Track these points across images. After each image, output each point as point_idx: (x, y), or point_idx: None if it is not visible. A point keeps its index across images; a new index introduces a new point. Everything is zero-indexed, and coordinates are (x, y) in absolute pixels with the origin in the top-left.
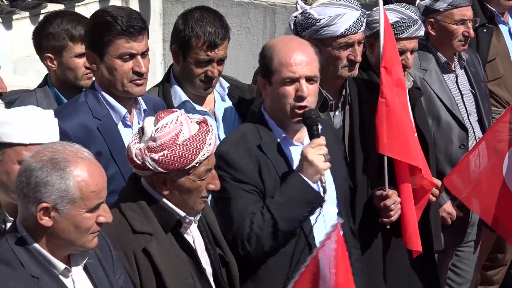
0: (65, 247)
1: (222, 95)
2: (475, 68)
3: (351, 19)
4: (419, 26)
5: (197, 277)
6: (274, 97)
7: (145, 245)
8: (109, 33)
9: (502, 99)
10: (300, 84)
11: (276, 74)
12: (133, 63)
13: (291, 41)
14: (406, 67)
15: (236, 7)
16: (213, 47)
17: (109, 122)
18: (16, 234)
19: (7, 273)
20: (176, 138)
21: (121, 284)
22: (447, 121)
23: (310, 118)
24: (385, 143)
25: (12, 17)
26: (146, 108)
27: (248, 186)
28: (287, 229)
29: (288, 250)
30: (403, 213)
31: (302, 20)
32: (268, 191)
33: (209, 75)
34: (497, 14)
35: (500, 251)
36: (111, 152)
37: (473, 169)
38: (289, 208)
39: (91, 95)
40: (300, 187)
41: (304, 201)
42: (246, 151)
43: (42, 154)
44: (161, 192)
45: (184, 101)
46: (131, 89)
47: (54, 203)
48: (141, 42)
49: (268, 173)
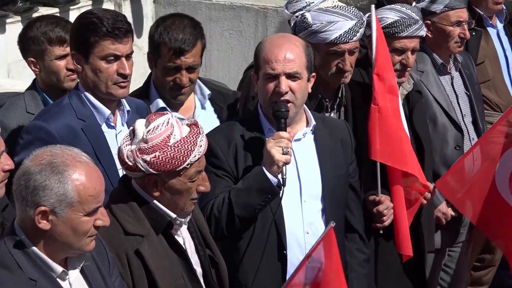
0: (63, 250)
1: (203, 102)
2: (469, 71)
3: (343, 28)
4: (420, 25)
5: (188, 278)
6: (259, 92)
7: (137, 247)
8: (95, 34)
9: (491, 101)
10: (279, 80)
11: (261, 69)
12: (118, 65)
13: (279, 38)
14: (407, 67)
15: (228, 11)
16: (179, 54)
17: (93, 123)
18: (14, 237)
19: (5, 276)
20: (167, 140)
21: (116, 286)
22: (443, 123)
23: (279, 111)
24: (378, 149)
25: (6, 21)
26: (129, 109)
27: (221, 172)
28: (242, 215)
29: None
30: (396, 218)
31: (299, 22)
32: (240, 179)
33: (177, 82)
34: (486, 17)
35: (489, 252)
36: (95, 153)
37: (467, 172)
38: (246, 196)
39: (75, 96)
40: (257, 176)
41: (259, 190)
42: (226, 139)
43: (40, 158)
44: (152, 194)
45: (160, 107)
46: (114, 91)
47: (52, 206)
48: (126, 44)
49: (244, 161)
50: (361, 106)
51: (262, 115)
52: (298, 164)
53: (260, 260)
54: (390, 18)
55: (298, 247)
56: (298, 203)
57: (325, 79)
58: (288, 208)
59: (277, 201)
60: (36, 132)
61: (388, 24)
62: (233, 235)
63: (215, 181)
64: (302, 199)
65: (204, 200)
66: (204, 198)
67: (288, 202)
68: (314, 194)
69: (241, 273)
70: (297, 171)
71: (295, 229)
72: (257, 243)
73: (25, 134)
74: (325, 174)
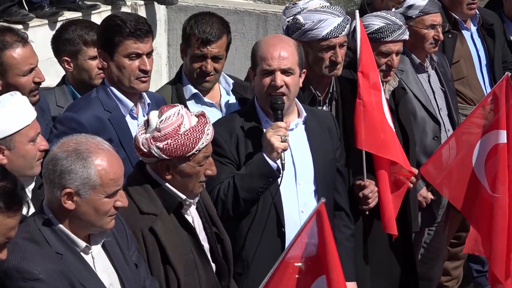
0: (86, 227)
1: (227, 90)
2: (443, 69)
3: (333, 25)
4: (403, 30)
5: (196, 253)
6: (257, 86)
7: (151, 225)
8: (119, 34)
9: (466, 96)
10: (275, 75)
11: (258, 66)
12: (139, 62)
13: (273, 38)
14: (392, 67)
15: (232, 15)
16: (206, 43)
17: (118, 114)
18: (42, 215)
19: (35, 250)
20: (178, 128)
21: (134, 259)
22: (421, 116)
23: (276, 103)
24: (363, 139)
25: (34, 24)
26: (150, 102)
27: (225, 160)
28: (246, 198)
29: (261, 217)
30: (381, 200)
31: (291, 24)
32: (242, 165)
33: (203, 70)
34: (461, 21)
35: (465, 230)
36: (120, 140)
37: (445, 160)
38: (249, 180)
39: (101, 90)
40: (259, 162)
41: (261, 175)
42: (227, 129)
43: (67, 145)
44: (164, 177)
45: (194, 93)
46: (136, 85)
47: (77, 188)
48: (147, 43)
49: (245, 150)
50: (350, 100)
51: (259, 107)
52: (293, 151)
53: (260, 238)
54: (376, 24)
55: (295, 225)
56: (293, 186)
57: (318, 75)
58: (285, 190)
59: (276, 185)
60: (68, 123)
61: (374, 30)
62: (237, 216)
63: (220, 168)
64: (297, 183)
65: (211, 185)
66: (211, 183)
67: (285, 185)
68: (307, 178)
69: (244, 250)
70: (292, 158)
71: (292, 209)
72: (258, 222)
73: (59, 125)
74: (316, 160)
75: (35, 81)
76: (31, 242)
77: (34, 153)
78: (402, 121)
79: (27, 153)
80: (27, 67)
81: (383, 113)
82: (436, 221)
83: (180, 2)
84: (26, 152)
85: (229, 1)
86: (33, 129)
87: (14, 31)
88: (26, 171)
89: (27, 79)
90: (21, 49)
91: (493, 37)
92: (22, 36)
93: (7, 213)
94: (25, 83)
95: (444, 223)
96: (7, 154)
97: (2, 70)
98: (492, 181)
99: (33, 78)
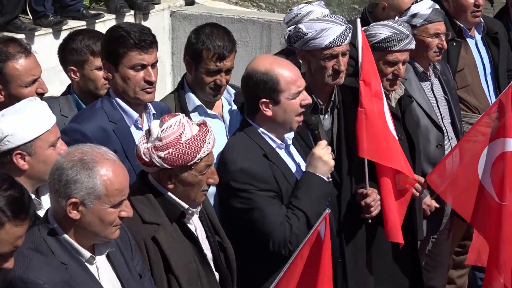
0: (91, 237)
1: (229, 100)
2: (446, 77)
3: (335, 33)
4: (410, 40)
5: (199, 262)
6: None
7: (154, 234)
8: (124, 46)
9: (470, 104)
10: (304, 94)
11: (285, 92)
12: (144, 73)
13: (282, 62)
14: (398, 77)
15: (236, 24)
16: (222, 58)
17: (123, 125)
18: (47, 225)
19: (40, 260)
20: (179, 138)
21: (138, 269)
22: (425, 124)
23: (312, 124)
24: (365, 148)
25: (37, 33)
26: (155, 113)
27: (271, 193)
28: (315, 223)
29: None
30: (384, 208)
31: (293, 34)
32: (284, 194)
33: (217, 83)
34: (465, 29)
35: (469, 239)
36: (125, 151)
37: (448, 169)
38: (316, 204)
39: (106, 101)
40: (319, 185)
41: (325, 196)
42: (259, 162)
43: (72, 155)
44: (166, 186)
45: (197, 105)
46: (142, 96)
47: (82, 198)
48: (152, 54)
49: (281, 177)
50: (352, 109)
51: (266, 133)
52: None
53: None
54: (383, 34)
55: None
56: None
57: (320, 83)
58: None
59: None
60: (72, 134)
61: (381, 39)
62: None
63: (272, 203)
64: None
65: (276, 224)
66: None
67: None
68: None
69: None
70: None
71: None
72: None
73: (63, 135)
74: None
75: (38, 92)
76: (36, 252)
77: (54, 158)
78: (408, 129)
79: (48, 158)
80: (30, 78)
81: (386, 121)
82: (440, 229)
83: (183, 11)
84: (47, 157)
85: (233, 10)
86: (53, 133)
87: (17, 41)
88: (46, 176)
89: (30, 90)
90: (24, 60)
91: (498, 45)
92: (25, 47)
93: (15, 222)
94: (28, 94)
95: (448, 231)
96: (28, 160)
97: (5, 81)
98: (499, 189)
99: (36, 89)
